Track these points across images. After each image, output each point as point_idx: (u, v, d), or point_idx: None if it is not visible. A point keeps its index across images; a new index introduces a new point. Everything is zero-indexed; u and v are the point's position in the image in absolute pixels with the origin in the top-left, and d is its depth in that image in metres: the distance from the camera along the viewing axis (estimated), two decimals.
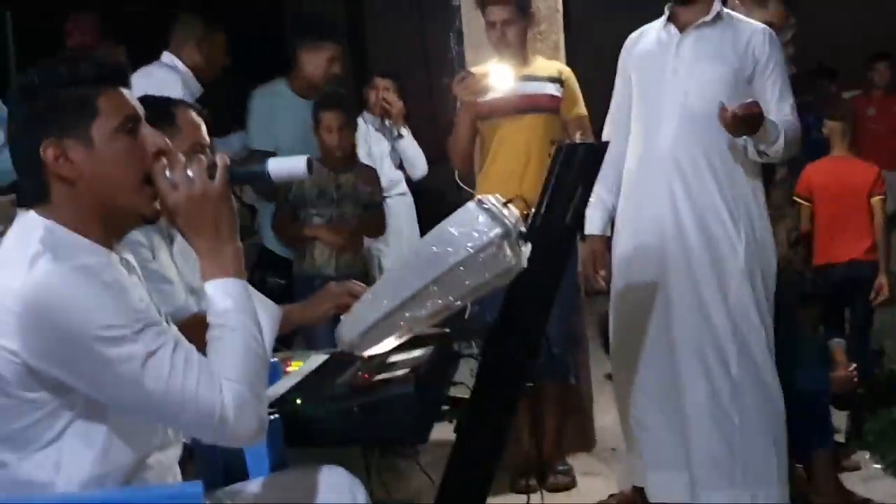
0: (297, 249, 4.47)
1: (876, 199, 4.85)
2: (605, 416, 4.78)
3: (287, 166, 1.98)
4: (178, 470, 2.01)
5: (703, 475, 3.52)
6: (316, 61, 4.58)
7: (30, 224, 1.84)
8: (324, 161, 4.38)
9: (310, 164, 1.95)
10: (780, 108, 3.49)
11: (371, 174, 4.59)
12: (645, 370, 3.65)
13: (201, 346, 1.86)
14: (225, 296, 1.87)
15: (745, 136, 3.41)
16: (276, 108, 4.58)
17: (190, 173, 1.86)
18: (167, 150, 1.91)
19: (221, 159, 1.89)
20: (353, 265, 4.39)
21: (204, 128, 2.79)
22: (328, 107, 4.40)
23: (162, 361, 1.73)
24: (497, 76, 4.00)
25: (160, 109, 2.52)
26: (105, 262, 1.83)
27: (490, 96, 4.08)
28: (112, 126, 1.84)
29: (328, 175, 4.41)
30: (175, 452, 2.00)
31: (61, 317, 1.70)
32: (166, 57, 4.37)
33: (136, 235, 2.49)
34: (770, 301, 3.57)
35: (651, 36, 3.69)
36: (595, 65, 4.48)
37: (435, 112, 7.43)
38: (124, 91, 1.88)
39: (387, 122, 5.34)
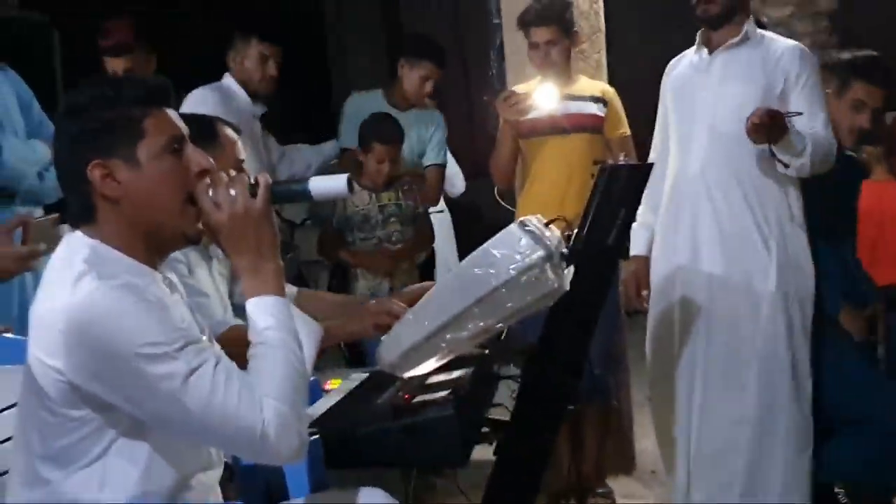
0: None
1: None
2: (644, 439, 4.73)
3: (328, 185, 1.96)
4: (219, 491, 2.01)
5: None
6: (412, 77, 4.63)
7: (75, 244, 1.85)
8: (363, 182, 4.37)
9: (350, 182, 1.95)
10: (810, 123, 3.42)
11: (410, 184, 4.56)
12: (677, 391, 3.63)
13: (240, 358, 1.86)
14: (266, 314, 1.87)
15: (769, 146, 3.35)
16: (367, 113, 4.59)
17: (232, 192, 1.86)
18: (211, 169, 1.92)
19: (263, 178, 1.90)
20: (407, 283, 4.40)
21: (240, 144, 2.81)
22: (383, 140, 4.37)
23: (203, 379, 1.73)
24: (541, 95, 3.98)
25: (203, 127, 2.54)
26: (148, 281, 1.84)
27: (533, 115, 4.07)
28: (158, 146, 1.85)
29: (370, 198, 4.41)
30: (217, 473, 2.00)
31: (104, 334, 1.71)
32: (226, 78, 4.41)
33: (174, 252, 2.50)
34: (806, 324, 3.51)
35: (686, 59, 3.69)
36: (635, 85, 4.46)
37: (474, 128, 7.43)
38: (169, 112, 1.89)
39: None
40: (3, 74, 3.21)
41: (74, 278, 1.75)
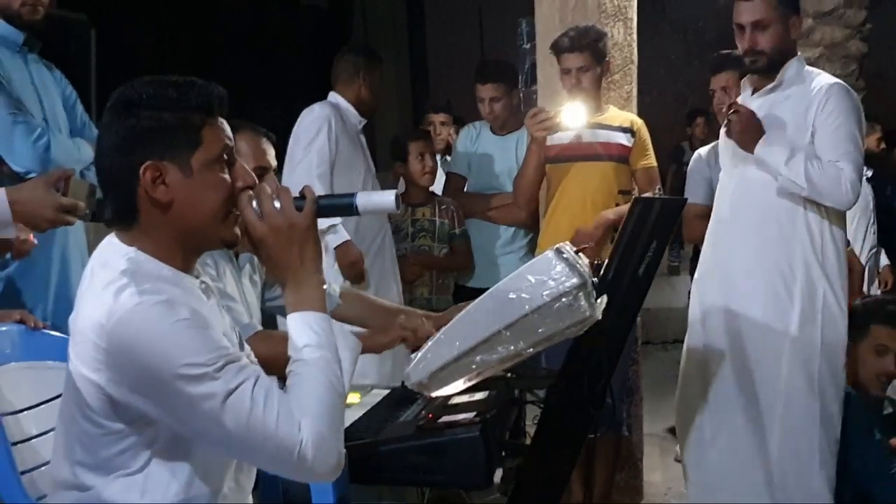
0: None
1: None
2: (654, 472, 4.74)
3: (376, 200, 1.95)
4: (251, 499, 2.02)
5: None
6: (480, 100, 4.77)
7: (113, 253, 1.84)
8: (403, 195, 4.45)
9: (398, 199, 1.94)
10: (825, 151, 3.37)
11: (450, 208, 4.62)
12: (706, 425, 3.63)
13: (266, 363, 1.87)
14: (307, 330, 1.85)
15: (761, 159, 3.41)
16: (471, 143, 4.84)
17: (277, 204, 1.85)
18: (255, 184, 1.91)
19: (309, 191, 1.89)
20: (441, 299, 4.43)
21: (271, 152, 2.83)
22: (411, 137, 4.56)
23: (242, 400, 1.72)
24: (569, 114, 4.01)
25: None
26: (188, 290, 1.84)
27: (560, 140, 4.10)
28: (211, 156, 1.83)
29: (405, 210, 4.47)
30: (251, 477, 2.01)
31: (144, 353, 1.70)
32: (332, 96, 4.50)
33: (203, 256, 2.52)
34: (836, 374, 3.46)
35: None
36: (659, 118, 4.50)
37: None
38: (223, 122, 1.88)
39: (447, 158, 5.36)
40: (51, 74, 3.24)
41: (115, 292, 1.74)
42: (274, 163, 2.92)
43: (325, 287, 1.92)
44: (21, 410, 2.21)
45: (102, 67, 5.41)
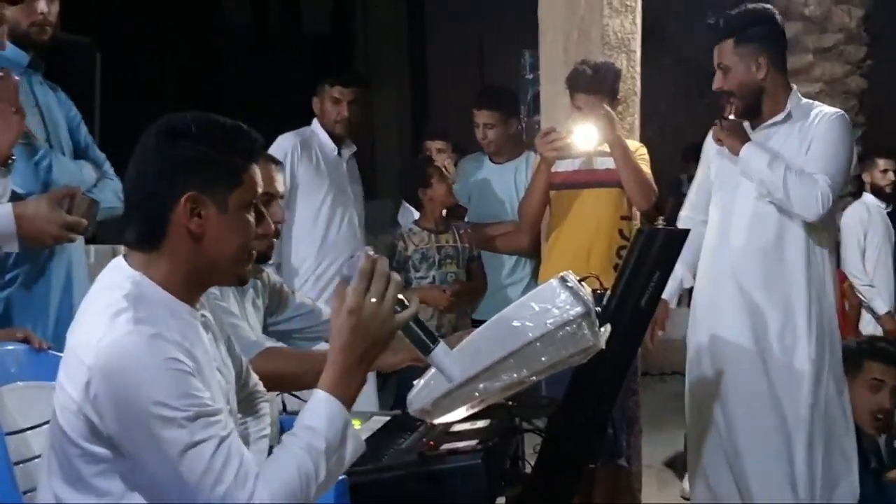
0: None
1: None
2: (652, 501, 4.72)
3: (446, 363, 1.92)
4: None
5: None
6: (477, 126, 4.85)
7: (119, 276, 1.85)
8: (422, 222, 4.54)
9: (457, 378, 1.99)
10: (808, 164, 3.47)
11: (467, 228, 4.65)
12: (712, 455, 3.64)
13: (274, 380, 1.86)
14: (323, 416, 1.81)
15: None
16: (470, 172, 4.96)
17: (374, 300, 1.81)
18: (270, 231, 2.03)
19: (415, 303, 1.87)
20: (457, 326, 4.43)
21: (279, 179, 2.85)
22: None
23: (201, 456, 1.71)
24: (580, 136, 4.02)
25: None
26: (188, 324, 1.84)
27: (563, 167, 4.11)
28: (247, 199, 1.88)
29: (429, 238, 4.47)
30: None
31: (123, 381, 1.71)
32: (313, 124, 4.68)
33: None
34: (841, 389, 3.54)
35: None
36: (661, 150, 4.52)
37: None
38: (258, 170, 1.93)
39: None
40: (55, 95, 3.25)
41: (112, 315, 1.76)
42: (282, 189, 2.93)
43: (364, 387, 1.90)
44: (24, 430, 2.20)
45: (107, 91, 5.45)
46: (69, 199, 2.65)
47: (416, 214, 4.93)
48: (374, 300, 1.81)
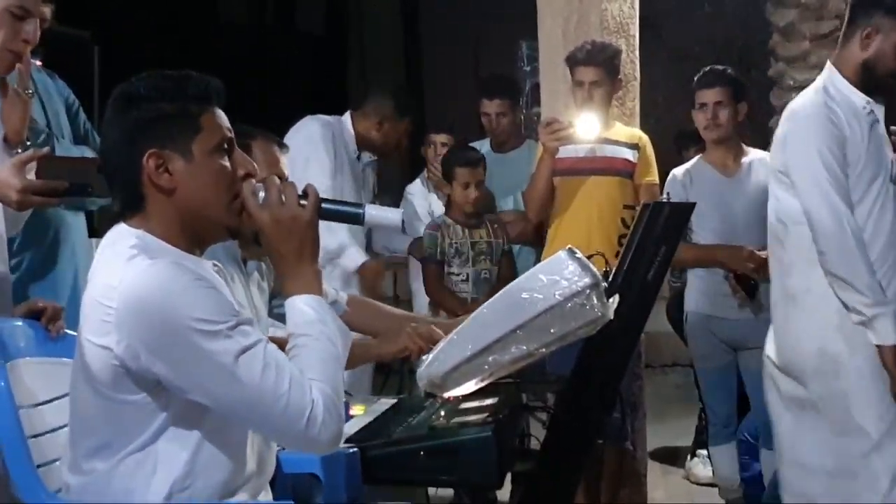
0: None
1: None
2: (657, 490, 4.72)
3: (383, 216, 2.03)
4: (269, 491, 2.01)
5: None
6: (483, 114, 4.81)
7: (121, 234, 1.87)
8: (456, 218, 4.40)
9: (404, 222, 2.01)
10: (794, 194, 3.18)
11: (500, 222, 4.56)
12: None
13: None
14: (307, 308, 1.88)
15: None
16: None
17: (283, 197, 1.89)
18: (254, 173, 1.97)
19: (312, 189, 1.93)
20: None
21: (284, 160, 2.84)
22: (462, 163, 4.39)
23: (255, 358, 1.75)
24: (582, 125, 4.02)
25: (239, 135, 2.57)
26: (199, 264, 1.88)
27: (566, 154, 4.11)
28: (212, 143, 1.88)
29: (462, 233, 4.42)
30: (268, 473, 2.00)
31: (160, 307, 1.73)
32: (346, 116, 4.59)
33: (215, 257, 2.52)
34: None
35: None
36: (660, 138, 4.53)
37: None
38: (221, 112, 1.93)
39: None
40: (53, 81, 3.24)
41: (125, 260, 1.79)
42: (287, 171, 2.92)
43: (323, 280, 1.96)
44: (37, 404, 2.20)
45: (105, 84, 5.44)
46: (38, 163, 2.53)
47: (416, 207, 4.91)
48: (275, 202, 1.88)
